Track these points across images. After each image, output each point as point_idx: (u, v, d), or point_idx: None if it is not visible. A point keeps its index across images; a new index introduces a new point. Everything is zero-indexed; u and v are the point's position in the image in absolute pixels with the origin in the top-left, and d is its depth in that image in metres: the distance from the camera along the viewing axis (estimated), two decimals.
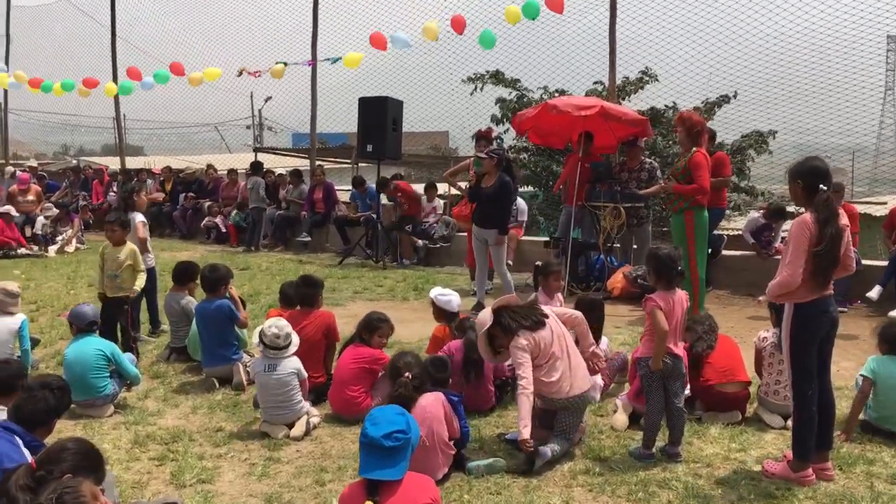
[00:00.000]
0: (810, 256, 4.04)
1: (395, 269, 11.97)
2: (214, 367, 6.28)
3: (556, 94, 14.85)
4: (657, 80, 15.59)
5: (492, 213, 8.73)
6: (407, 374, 4.36)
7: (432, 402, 4.35)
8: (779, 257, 8.86)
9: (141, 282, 6.92)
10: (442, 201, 13.86)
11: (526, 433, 4.38)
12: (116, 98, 19.00)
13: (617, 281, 9.68)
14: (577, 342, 4.93)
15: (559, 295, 6.98)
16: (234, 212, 15.46)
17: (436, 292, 6.16)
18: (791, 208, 11.42)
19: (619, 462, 4.57)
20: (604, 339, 5.91)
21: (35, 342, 7.10)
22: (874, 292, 8.51)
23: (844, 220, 4.23)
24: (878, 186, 17.02)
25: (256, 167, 15.41)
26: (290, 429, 5.10)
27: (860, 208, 11.39)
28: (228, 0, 20.40)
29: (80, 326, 5.79)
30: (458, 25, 13.11)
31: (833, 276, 4.19)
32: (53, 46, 23.64)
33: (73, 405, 5.47)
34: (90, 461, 3.22)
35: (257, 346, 5.35)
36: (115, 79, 18.78)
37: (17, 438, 3.64)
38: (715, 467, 4.52)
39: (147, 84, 17.14)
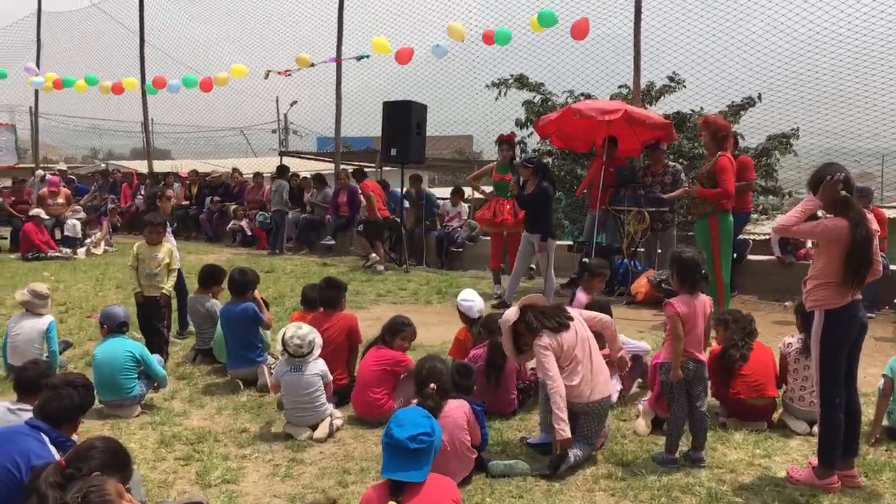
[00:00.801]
0: (843, 256, 4.03)
1: (419, 273, 12.00)
2: (239, 369, 6.34)
3: (582, 98, 14.84)
4: (684, 85, 15.53)
5: (534, 219, 9.12)
6: (432, 385, 4.32)
7: (455, 409, 4.36)
8: (804, 263, 8.81)
9: (173, 280, 6.98)
10: (466, 205, 13.87)
11: (565, 431, 4.38)
12: (144, 102, 19.25)
13: (641, 285, 9.64)
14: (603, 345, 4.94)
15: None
16: (260, 213, 15.58)
17: (461, 296, 6.18)
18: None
19: (642, 466, 4.55)
20: (630, 341, 5.90)
21: (67, 345, 7.23)
22: None
23: (875, 224, 4.20)
24: None
25: (283, 171, 15.52)
26: (314, 430, 5.14)
27: (890, 213, 11.24)
28: (255, 5, 20.47)
29: (110, 327, 5.86)
30: (488, 39, 13.27)
31: (866, 280, 4.16)
32: (82, 52, 23.96)
33: (101, 405, 5.60)
34: (118, 460, 3.27)
35: (281, 354, 5.39)
36: (143, 84, 19.03)
37: (44, 436, 3.71)
38: (739, 473, 4.49)
39: (174, 86, 17.40)
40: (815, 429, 4.53)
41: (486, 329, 5.64)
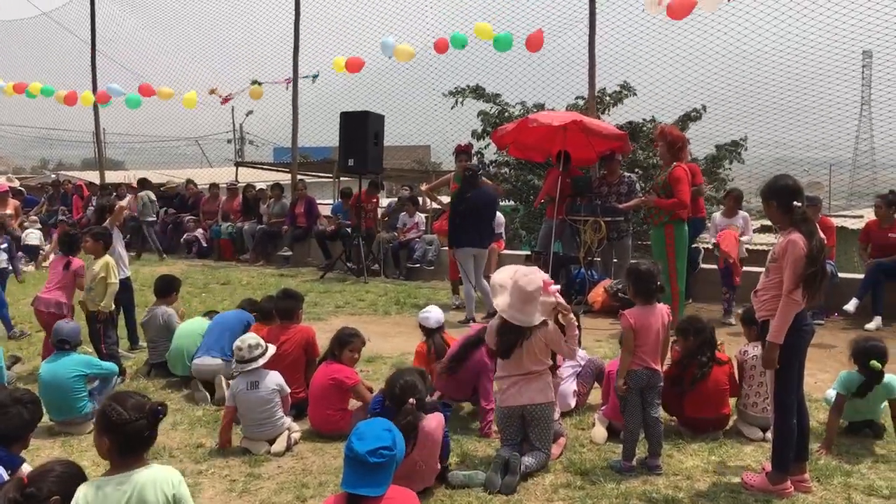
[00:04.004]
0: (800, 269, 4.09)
1: (378, 284, 11.96)
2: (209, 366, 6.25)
3: (536, 109, 15.01)
4: (635, 93, 15.82)
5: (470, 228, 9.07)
6: (411, 400, 4.28)
7: (435, 428, 4.32)
8: (752, 270, 8.97)
9: (110, 297, 6.75)
10: (423, 216, 13.89)
11: None
12: (96, 112, 18.92)
13: (597, 294, 9.73)
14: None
15: None
16: (226, 224, 15.49)
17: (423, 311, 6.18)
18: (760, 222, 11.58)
19: (600, 475, 4.58)
20: (582, 352, 5.94)
21: (15, 360, 7.06)
22: (851, 305, 8.61)
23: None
24: (854, 200, 17.24)
25: (144, 183, 16.24)
26: (272, 444, 5.08)
27: (837, 221, 11.54)
28: (210, 15, 20.27)
29: (53, 343, 5.75)
30: (441, 48, 13.42)
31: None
32: (33, 61, 23.50)
33: (52, 423, 5.47)
34: (75, 484, 3.21)
35: (234, 369, 5.33)
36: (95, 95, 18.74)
37: None
38: (695, 479, 4.55)
39: (114, 90, 17.44)
40: (769, 434, 4.61)
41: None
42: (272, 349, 5.39)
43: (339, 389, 5.32)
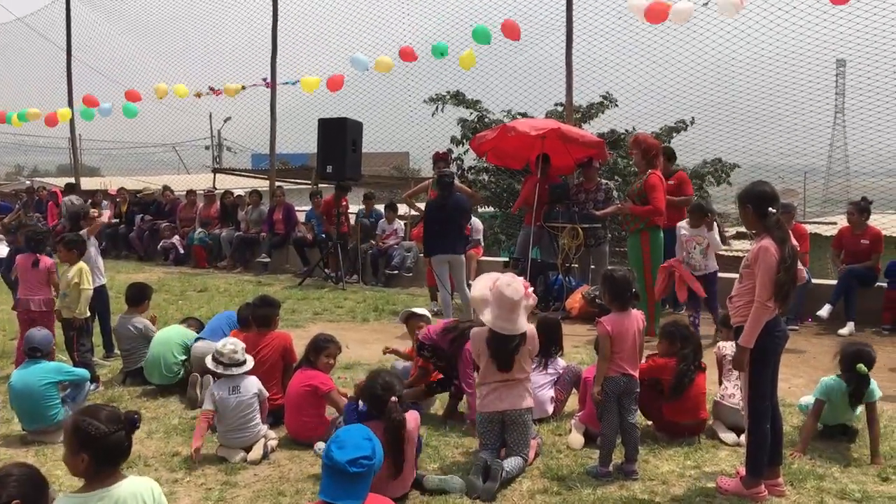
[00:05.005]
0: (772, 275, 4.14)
1: (356, 291, 11.94)
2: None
3: (517, 116, 15.06)
4: (616, 104, 15.94)
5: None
6: (393, 398, 4.26)
7: (413, 429, 4.34)
8: (726, 276, 9.03)
9: (84, 303, 6.69)
10: (402, 223, 13.89)
11: None
12: (72, 118, 18.76)
13: (575, 301, 9.78)
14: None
15: None
16: (199, 231, 15.39)
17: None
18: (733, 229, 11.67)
19: (577, 480, 4.59)
20: (559, 361, 5.97)
21: None
22: (825, 311, 8.70)
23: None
24: (828, 207, 17.47)
25: (73, 187, 16.53)
26: (248, 452, 5.05)
27: (811, 228, 11.69)
28: (187, 21, 20.19)
29: (25, 351, 5.69)
30: (408, 56, 13.53)
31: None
32: (7, 67, 23.27)
33: (24, 432, 5.41)
34: (34, 488, 3.16)
35: (214, 369, 5.30)
36: (70, 100, 18.62)
37: None
38: (670, 484, 4.58)
39: (105, 110, 17.27)
40: (743, 439, 4.65)
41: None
42: (251, 360, 5.38)
43: (314, 396, 5.29)
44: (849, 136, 15.72)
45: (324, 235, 13.40)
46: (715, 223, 8.17)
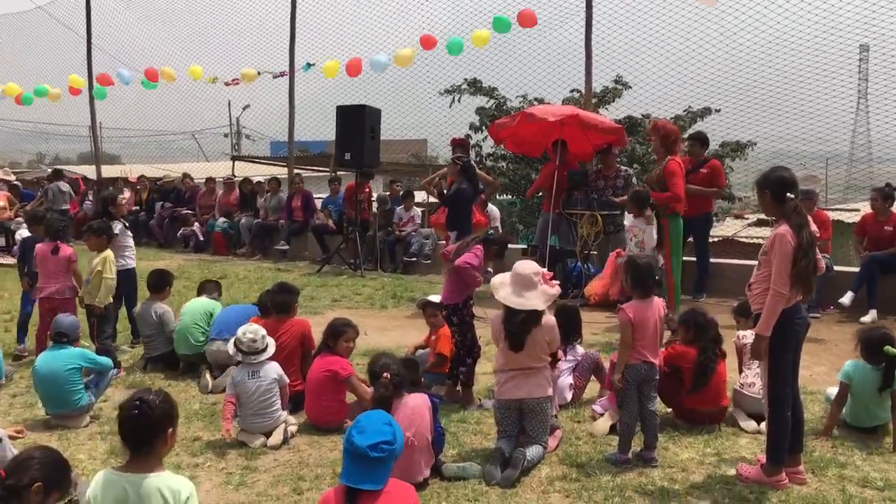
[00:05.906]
0: (793, 267, 4.10)
1: (374, 278, 11.96)
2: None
3: (535, 103, 14.98)
4: (629, 87, 15.84)
5: (452, 218, 9.34)
6: (386, 374, 4.37)
7: (420, 405, 4.39)
8: (747, 263, 8.98)
9: (105, 291, 6.73)
10: (420, 210, 13.89)
11: None
12: (92, 105, 18.87)
13: (594, 288, 9.74)
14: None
15: None
16: (222, 220, 15.48)
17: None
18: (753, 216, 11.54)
19: (596, 467, 4.59)
20: (578, 348, 5.96)
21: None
22: (846, 298, 8.60)
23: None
24: (851, 193, 17.26)
25: (58, 173, 16.49)
26: (268, 437, 5.09)
27: (833, 215, 11.55)
28: (206, 9, 20.24)
29: (52, 336, 5.75)
30: (429, 44, 13.49)
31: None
32: (28, 55, 23.43)
33: (48, 416, 5.48)
34: (57, 471, 3.20)
35: (234, 356, 5.34)
36: (90, 88, 18.69)
37: None
38: (690, 472, 4.57)
39: (124, 76, 17.46)
40: (764, 426, 4.63)
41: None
42: (273, 344, 5.42)
43: (334, 381, 5.32)
44: (872, 121, 15.51)
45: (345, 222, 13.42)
46: (654, 221, 8.04)
